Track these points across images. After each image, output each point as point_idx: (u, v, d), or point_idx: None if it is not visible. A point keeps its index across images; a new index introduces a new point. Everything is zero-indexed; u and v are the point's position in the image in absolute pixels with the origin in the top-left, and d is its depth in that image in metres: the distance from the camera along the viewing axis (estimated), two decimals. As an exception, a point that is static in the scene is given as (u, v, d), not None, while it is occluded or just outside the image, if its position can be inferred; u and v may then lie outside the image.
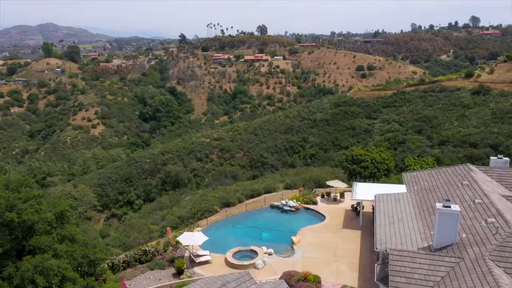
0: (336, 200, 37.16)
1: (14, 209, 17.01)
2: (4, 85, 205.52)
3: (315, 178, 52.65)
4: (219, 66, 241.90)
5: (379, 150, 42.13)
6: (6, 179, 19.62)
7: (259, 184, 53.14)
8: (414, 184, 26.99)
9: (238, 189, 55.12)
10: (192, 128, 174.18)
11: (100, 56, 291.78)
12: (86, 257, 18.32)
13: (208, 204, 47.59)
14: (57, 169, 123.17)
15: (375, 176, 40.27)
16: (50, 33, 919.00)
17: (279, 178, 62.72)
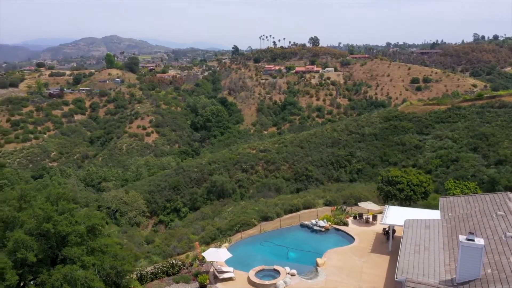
0: (368, 222, 36.28)
1: (51, 220, 18.64)
2: (70, 93, 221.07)
3: (356, 195, 51.67)
4: (270, 77, 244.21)
5: (417, 172, 40.46)
6: (48, 192, 21.45)
7: (299, 199, 53.01)
8: (449, 210, 25.82)
9: (278, 203, 55.37)
10: (240, 139, 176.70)
11: (157, 67, 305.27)
12: (114, 268, 19.55)
13: (246, 217, 48.24)
14: (112, 175, 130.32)
15: (411, 199, 38.73)
16: (114, 45, 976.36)
17: (321, 193, 62.22)
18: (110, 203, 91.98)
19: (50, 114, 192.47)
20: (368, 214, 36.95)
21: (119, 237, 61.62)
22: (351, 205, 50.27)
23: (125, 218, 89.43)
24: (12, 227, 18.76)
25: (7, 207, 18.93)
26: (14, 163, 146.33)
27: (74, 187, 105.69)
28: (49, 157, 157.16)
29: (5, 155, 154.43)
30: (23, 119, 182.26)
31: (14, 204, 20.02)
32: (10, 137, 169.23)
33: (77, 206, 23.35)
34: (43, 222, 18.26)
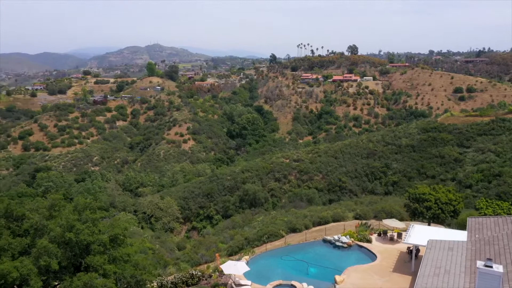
0: (392, 240, 35.29)
1: (73, 229, 19.72)
2: (113, 100, 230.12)
3: (388, 210, 50.51)
4: (307, 86, 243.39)
5: (446, 190, 38.85)
6: (76, 201, 22.67)
7: (328, 211, 52.49)
8: (477, 231, 24.76)
9: (308, 214, 55.06)
10: (275, 147, 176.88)
11: (196, 75, 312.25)
12: (134, 277, 20.35)
13: (274, 228, 48.29)
14: (149, 180, 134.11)
15: (438, 218, 37.25)
16: (156, 53, 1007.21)
17: (352, 206, 61.26)
18: (146, 208, 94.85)
19: (94, 120, 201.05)
20: (393, 232, 36.02)
21: (152, 243, 63.47)
22: (381, 219, 49.23)
23: (160, 223, 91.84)
24: (41, 234, 20.09)
25: (38, 215, 20.28)
26: (59, 167, 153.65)
27: (112, 192, 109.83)
28: (91, 161, 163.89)
29: (51, 158, 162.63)
30: (69, 125, 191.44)
31: (44, 212, 21.39)
32: (57, 142, 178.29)
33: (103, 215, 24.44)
34: (65, 231, 19.39)
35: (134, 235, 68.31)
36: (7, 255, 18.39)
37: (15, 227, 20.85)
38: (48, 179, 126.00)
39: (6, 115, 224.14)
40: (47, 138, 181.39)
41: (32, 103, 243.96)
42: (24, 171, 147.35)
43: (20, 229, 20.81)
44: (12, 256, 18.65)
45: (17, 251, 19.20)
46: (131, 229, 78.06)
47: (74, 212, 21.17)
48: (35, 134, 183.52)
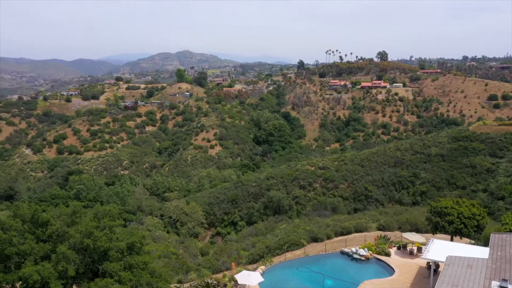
0: (412, 254, 34.42)
1: (91, 236, 20.54)
2: (143, 106, 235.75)
3: (412, 221, 49.48)
4: (335, 92, 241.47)
5: (470, 204, 37.47)
6: (96, 209, 23.55)
7: (351, 221, 51.94)
8: (499, 249, 23.93)
9: (331, 224, 54.69)
10: (302, 154, 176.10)
11: (224, 81, 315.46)
12: (150, 284, 20.92)
13: (296, 237, 48.25)
14: (176, 185, 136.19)
15: (461, 233, 35.98)
16: (186, 59, 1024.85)
17: (377, 216, 60.33)
18: (171, 212, 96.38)
19: (124, 125, 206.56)
20: (413, 245, 35.22)
21: (176, 247, 64.47)
22: (407, 231, 48.30)
23: (185, 228, 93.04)
24: (62, 240, 21.02)
25: (59, 222, 21.25)
26: (90, 170, 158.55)
27: (140, 196, 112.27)
28: (121, 165, 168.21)
29: (83, 162, 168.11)
30: (100, 129, 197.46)
31: (66, 219, 22.37)
32: (89, 146, 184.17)
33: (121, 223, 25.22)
34: (84, 238, 20.24)
35: (159, 240, 69.64)
36: (30, 259, 19.41)
37: (40, 233, 21.95)
38: (80, 182, 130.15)
39: (42, 120, 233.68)
40: (80, 142, 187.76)
41: (67, 108, 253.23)
42: (57, 173, 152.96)
43: (44, 234, 21.89)
44: (34, 260, 19.66)
45: (39, 256, 20.21)
46: (157, 234, 79.78)
47: (94, 219, 22.03)
48: (69, 138, 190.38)
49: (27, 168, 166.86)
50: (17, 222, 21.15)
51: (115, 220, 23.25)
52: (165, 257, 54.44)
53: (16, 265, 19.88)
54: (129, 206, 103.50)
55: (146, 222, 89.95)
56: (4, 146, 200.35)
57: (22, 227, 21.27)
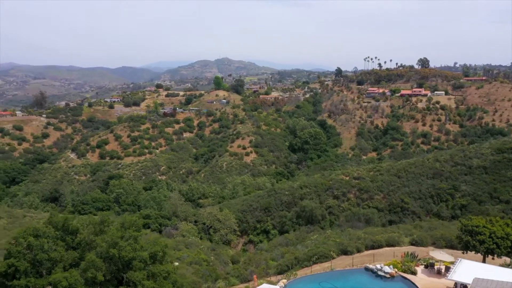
0: (439, 274, 33.10)
1: (116, 246, 21.51)
2: (181, 113, 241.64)
3: (447, 237, 47.76)
4: (373, 100, 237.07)
5: (504, 223, 35.55)
6: (123, 218, 24.63)
7: (383, 234, 50.89)
8: (532, 273, 22.70)
9: (362, 236, 53.80)
10: (337, 163, 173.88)
11: (261, 89, 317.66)
12: (172, 293, 21.67)
13: (325, 249, 47.87)
14: (211, 191, 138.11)
15: (493, 253, 34.21)
16: (225, 67, 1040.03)
17: (411, 230, 58.68)
18: (205, 219, 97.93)
19: (163, 131, 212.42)
20: (441, 264, 33.99)
21: (207, 254, 65.50)
22: (441, 247, 46.80)
23: (218, 234, 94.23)
24: (90, 248, 22.21)
25: (87, 231, 22.48)
26: (130, 175, 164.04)
27: (175, 201, 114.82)
28: (159, 170, 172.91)
29: (123, 167, 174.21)
30: (140, 135, 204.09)
31: (93, 228, 23.60)
32: (129, 151, 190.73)
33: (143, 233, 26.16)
34: (109, 248, 21.27)
35: (192, 246, 70.96)
36: (60, 265, 20.67)
37: (70, 240, 23.31)
38: (119, 186, 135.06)
39: (87, 125, 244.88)
40: (120, 147, 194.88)
41: (110, 114, 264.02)
42: (99, 177, 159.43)
43: (73, 242, 23.22)
44: (63, 267, 20.92)
45: (68, 263, 21.48)
46: (190, 240, 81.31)
47: (121, 228, 23.10)
48: (111, 143, 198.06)
49: (72, 171, 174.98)
50: (50, 229, 22.63)
51: (140, 230, 24.23)
52: (196, 263, 55.48)
53: (47, 271, 21.24)
54: (165, 211, 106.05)
55: (180, 227, 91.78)
56: (51, 150, 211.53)
57: (54, 234, 22.72)
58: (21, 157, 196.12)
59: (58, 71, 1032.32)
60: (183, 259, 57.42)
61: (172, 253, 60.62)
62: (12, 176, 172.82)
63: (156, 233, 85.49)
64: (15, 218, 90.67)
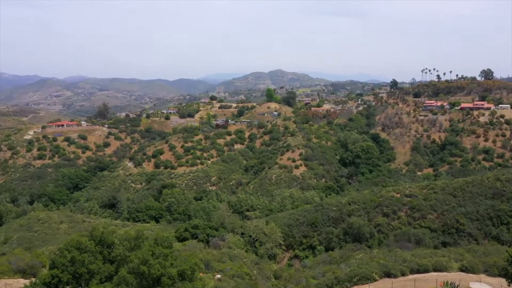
0: None
1: (147, 263, 22.63)
2: (233, 124, 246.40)
3: (502, 265, 44.71)
4: (430, 113, 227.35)
5: None
6: (156, 235, 25.84)
7: (430, 258, 48.74)
8: None
9: (408, 259, 51.86)
10: (390, 178, 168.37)
11: (312, 101, 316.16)
12: (200, 311, 22.35)
13: (368, 270, 46.75)
14: (259, 203, 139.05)
15: None
16: (278, 78, 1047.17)
17: (464, 254, 55.58)
18: (251, 231, 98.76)
19: (215, 143, 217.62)
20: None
21: (250, 268, 66.09)
22: (494, 275, 43.98)
23: (263, 248, 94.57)
24: (124, 263, 23.60)
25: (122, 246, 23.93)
26: (182, 184, 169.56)
27: (223, 212, 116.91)
28: (210, 181, 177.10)
29: (176, 176, 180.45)
30: (193, 146, 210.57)
31: (128, 244, 25.01)
32: (182, 161, 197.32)
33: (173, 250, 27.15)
34: (140, 264, 22.46)
35: (236, 259, 71.90)
36: (96, 277, 22.22)
37: (106, 253, 24.94)
38: (171, 195, 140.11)
39: (144, 135, 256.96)
40: (174, 157, 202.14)
41: (166, 125, 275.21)
42: (153, 186, 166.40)
43: (109, 255, 24.81)
44: (100, 280, 22.45)
45: (104, 275, 22.97)
46: (235, 252, 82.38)
47: (154, 244, 24.34)
48: (165, 153, 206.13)
49: (129, 179, 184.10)
50: (91, 244, 24.41)
51: (171, 246, 25.35)
52: (238, 277, 56.21)
53: (85, 282, 22.92)
54: (213, 221, 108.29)
55: (227, 239, 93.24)
56: (111, 158, 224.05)
57: (95, 248, 24.47)
58: (84, 164, 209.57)
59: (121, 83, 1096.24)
60: (226, 272, 58.45)
61: (216, 265, 62.02)
62: (76, 182, 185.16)
63: (203, 243, 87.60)
64: (75, 223, 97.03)
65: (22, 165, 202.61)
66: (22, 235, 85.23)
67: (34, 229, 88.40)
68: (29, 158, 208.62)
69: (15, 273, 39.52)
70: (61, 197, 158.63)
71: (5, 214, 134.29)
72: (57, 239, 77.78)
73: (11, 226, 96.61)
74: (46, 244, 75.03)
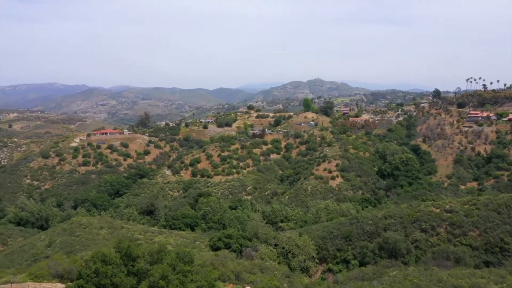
0: None
1: (166, 279, 23.22)
2: (270, 134, 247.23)
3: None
4: (475, 124, 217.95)
5: None
6: (177, 250, 26.47)
7: (467, 279, 46.63)
8: None
9: (443, 279, 49.87)
10: (431, 192, 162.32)
11: (350, 111, 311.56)
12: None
13: (399, 289, 45.37)
14: (294, 214, 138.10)
15: None
16: (317, 88, 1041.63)
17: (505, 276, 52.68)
18: (284, 243, 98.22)
19: (251, 152, 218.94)
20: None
21: (280, 281, 65.66)
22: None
23: (296, 260, 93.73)
24: (145, 277, 24.40)
25: (144, 261, 24.77)
26: (218, 193, 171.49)
27: (257, 222, 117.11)
28: (245, 190, 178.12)
29: (212, 185, 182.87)
30: (229, 155, 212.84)
31: (149, 258, 25.78)
32: (218, 170, 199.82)
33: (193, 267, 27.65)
34: (159, 279, 23.13)
35: (267, 270, 71.71)
36: (119, 289, 23.20)
37: (130, 266, 25.86)
38: (207, 204, 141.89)
39: (183, 144, 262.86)
40: (211, 166, 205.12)
41: (204, 134, 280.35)
42: (190, 194, 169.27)
43: (133, 268, 25.71)
44: (122, 291, 23.40)
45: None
46: (267, 264, 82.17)
47: (176, 259, 24.98)
48: (202, 162, 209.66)
49: (166, 187, 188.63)
50: (116, 257, 25.45)
51: (192, 262, 25.90)
52: (267, 290, 56.03)
53: (109, 293, 23.93)
54: (246, 231, 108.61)
55: (260, 250, 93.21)
56: (151, 166, 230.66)
57: (119, 260, 25.47)
58: (125, 171, 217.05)
59: (162, 92, 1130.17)
60: (255, 284, 58.44)
61: (246, 276, 62.16)
62: (117, 188, 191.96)
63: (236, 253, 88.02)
64: (114, 229, 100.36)
65: (68, 171, 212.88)
66: (64, 239, 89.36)
67: (75, 234, 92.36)
68: (74, 165, 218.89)
69: (54, 277, 41.59)
70: (103, 203, 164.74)
71: (51, 217, 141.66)
72: (96, 245, 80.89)
73: (55, 230, 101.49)
74: (86, 249, 78.21)
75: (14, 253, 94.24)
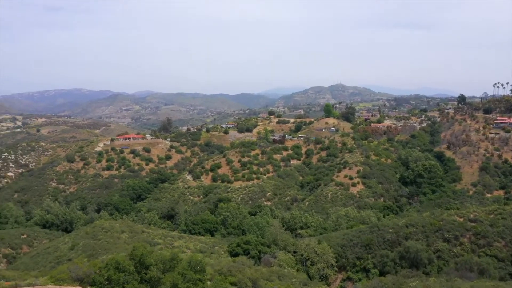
0: None
1: (176, 287, 23.48)
2: (290, 140, 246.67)
3: None
4: (502, 131, 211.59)
5: None
6: (190, 258, 26.76)
7: (489, 293, 45.18)
8: None
9: (465, 291, 48.48)
10: (455, 200, 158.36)
11: (372, 117, 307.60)
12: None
13: (418, 301, 44.39)
14: (313, 221, 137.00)
15: None
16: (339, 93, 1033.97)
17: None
18: (303, 250, 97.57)
19: (271, 158, 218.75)
20: None
21: (298, 289, 65.30)
22: None
23: (314, 268, 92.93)
24: (158, 284, 24.75)
25: (156, 269, 25.16)
26: (238, 199, 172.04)
27: (276, 229, 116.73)
28: (265, 196, 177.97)
29: (232, 190, 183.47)
30: (250, 161, 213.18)
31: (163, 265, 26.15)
32: (238, 176, 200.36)
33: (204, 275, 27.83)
34: (172, 287, 23.40)
35: (284, 278, 71.43)
36: (132, 297, 23.63)
37: (143, 274, 26.30)
38: (227, 209, 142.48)
39: (204, 149, 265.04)
40: (231, 171, 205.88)
41: (224, 139, 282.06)
42: (210, 199, 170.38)
43: (146, 275, 26.15)
44: (134, 298, 23.82)
45: (139, 295, 24.34)
46: (285, 271, 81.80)
47: (188, 267, 25.27)
48: (223, 167, 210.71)
49: (187, 192, 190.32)
50: (129, 264, 25.97)
51: (204, 270, 26.15)
52: (284, 298, 55.82)
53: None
54: (265, 238, 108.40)
55: (278, 256, 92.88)
56: (172, 171, 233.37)
57: (133, 268, 25.96)
58: (147, 176, 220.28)
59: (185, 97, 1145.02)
60: (273, 291, 58.34)
61: (263, 284, 62.07)
62: (139, 193, 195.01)
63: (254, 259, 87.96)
64: (135, 233, 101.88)
65: (92, 175, 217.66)
66: (87, 242, 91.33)
67: (97, 237, 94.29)
68: (98, 169, 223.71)
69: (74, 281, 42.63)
70: (125, 207, 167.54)
71: (75, 220, 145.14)
72: (117, 248, 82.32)
73: (79, 233, 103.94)
74: (107, 253, 79.73)
75: (39, 255, 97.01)
